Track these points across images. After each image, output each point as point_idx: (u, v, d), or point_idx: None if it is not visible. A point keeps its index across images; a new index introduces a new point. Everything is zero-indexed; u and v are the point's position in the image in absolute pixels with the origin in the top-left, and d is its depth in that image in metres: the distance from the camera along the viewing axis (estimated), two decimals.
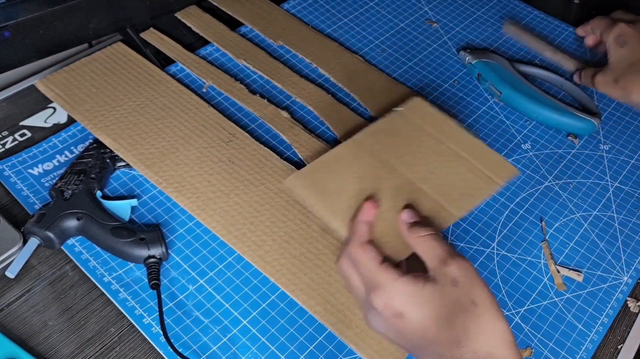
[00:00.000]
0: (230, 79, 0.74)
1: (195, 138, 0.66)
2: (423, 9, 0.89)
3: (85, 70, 0.70)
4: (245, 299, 0.56)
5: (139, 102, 0.68)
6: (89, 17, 0.70)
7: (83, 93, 0.68)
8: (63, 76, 0.69)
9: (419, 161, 0.57)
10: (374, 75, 0.78)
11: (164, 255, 0.56)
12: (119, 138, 0.64)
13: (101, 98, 0.67)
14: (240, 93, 0.72)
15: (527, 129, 0.74)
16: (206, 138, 0.66)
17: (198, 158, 0.64)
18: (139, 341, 0.53)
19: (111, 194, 0.62)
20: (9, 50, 0.66)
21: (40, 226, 0.55)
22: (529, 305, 0.58)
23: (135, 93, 0.69)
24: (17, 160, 0.64)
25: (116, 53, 0.73)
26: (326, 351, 0.54)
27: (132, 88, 0.69)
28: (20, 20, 0.65)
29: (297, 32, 0.81)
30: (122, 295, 0.55)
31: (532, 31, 0.86)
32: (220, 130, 0.67)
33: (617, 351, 0.57)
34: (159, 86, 0.70)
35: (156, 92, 0.69)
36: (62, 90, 0.68)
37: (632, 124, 0.77)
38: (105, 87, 0.69)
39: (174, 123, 0.67)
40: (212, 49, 0.78)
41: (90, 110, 0.66)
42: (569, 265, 0.62)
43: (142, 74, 0.71)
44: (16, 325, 0.53)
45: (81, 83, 0.69)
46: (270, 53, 0.78)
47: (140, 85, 0.70)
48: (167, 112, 0.68)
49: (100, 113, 0.66)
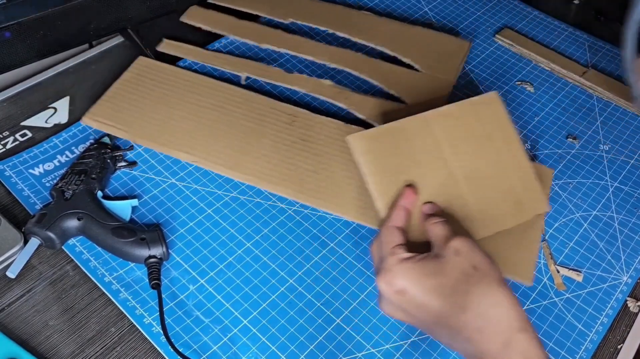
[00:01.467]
0: (262, 65, 0.75)
1: (260, 129, 0.66)
2: (423, 9, 0.89)
3: (122, 94, 0.68)
4: (246, 299, 0.56)
5: (187, 108, 0.67)
6: (89, 17, 0.70)
7: (132, 117, 0.66)
8: (105, 106, 0.67)
9: (472, 163, 0.58)
10: (390, 25, 0.82)
11: (165, 255, 0.56)
12: (193, 150, 0.64)
13: (150, 116, 0.66)
14: (278, 75, 0.74)
15: (527, 129, 0.74)
16: (270, 125, 0.67)
17: (273, 146, 0.65)
18: (139, 341, 0.53)
19: (112, 194, 0.62)
20: (10, 51, 0.66)
21: (41, 226, 0.55)
22: (529, 305, 0.58)
23: (179, 102, 0.68)
24: (18, 160, 0.64)
25: (142, 68, 0.71)
26: (326, 350, 0.54)
27: (174, 97, 0.68)
28: (21, 20, 0.65)
29: (301, 6, 0.83)
30: (123, 295, 0.55)
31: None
32: (279, 114, 0.68)
33: (617, 351, 0.57)
34: (199, 88, 0.70)
35: (199, 95, 0.69)
36: (112, 119, 0.66)
37: (632, 124, 0.77)
38: (149, 104, 0.67)
39: (232, 121, 0.67)
40: (227, 41, 0.78)
41: (148, 130, 0.65)
42: (569, 264, 0.62)
43: (178, 81, 0.70)
44: (17, 325, 0.53)
45: (125, 107, 0.67)
46: (286, 30, 0.80)
47: (180, 93, 0.69)
48: (220, 110, 0.68)
49: (157, 130, 0.65)
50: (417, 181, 0.56)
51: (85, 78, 0.74)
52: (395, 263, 0.48)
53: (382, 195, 0.55)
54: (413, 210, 0.54)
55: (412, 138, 0.58)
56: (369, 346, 0.54)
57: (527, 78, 0.81)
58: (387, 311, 0.49)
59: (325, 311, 0.56)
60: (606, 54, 0.86)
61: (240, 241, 0.60)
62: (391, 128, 0.58)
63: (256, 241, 0.60)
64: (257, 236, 0.61)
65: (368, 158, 0.56)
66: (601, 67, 0.84)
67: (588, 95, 0.80)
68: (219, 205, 0.62)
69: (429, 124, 0.59)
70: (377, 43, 0.79)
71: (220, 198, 0.63)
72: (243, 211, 0.62)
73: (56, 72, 0.74)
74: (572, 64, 0.83)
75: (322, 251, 0.60)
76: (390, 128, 0.58)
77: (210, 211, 0.62)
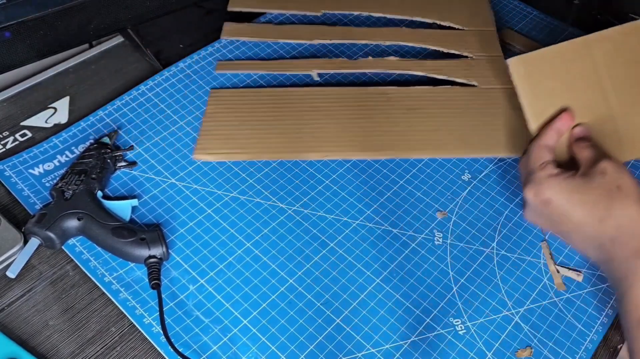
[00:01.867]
0: (325, 59, 0.76)
1: (375, 116, 0.69)
2: None
3: (214, 125, 0.68)
4: (246, 299, 0.56)
5: (287, 118, 0.68)
6: (89, 17, 0.70)
7: (244, 139, 0.66)
8: (207, 139, 0.66)
9: (629, 88, 0.60)
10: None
11: (165, 255, 0.56)
12: (322, 148, 0.67)
13: (255, 133, 0.67)
14: (344, 65, 0.76)
15: None
16: (378, 110, 0.70)
17: (389, 121, 0.69)
18: (139, 341, 0.53)
19: (112, 194, 0.62)
20: (10, 51, 0.66)
21: (41, 226, 0.55)
22: (529, 305, 0.58)
23: (275, 115, 0.69)
24: (18, 160, 0.64)
25: (219, 98, 0.71)
26: (326, 350, 0.54)
27: (267, 112, 0.69)
28: (21, 20, 0.65)
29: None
30: (123, 295, 0.55)
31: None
32: (374, 98, 0.71)
33: (617, 351, 0.57)
34: (281, 98, 0.71)
35: (288, 103, 0.70)
36: (222, 148, 0.66)
37: None
38: (247, 124, 0.68)
39: (336, 114, 0.69)
40: (276, 46, 0.79)
41: (265, 145, 0.66)
42: (569, 264, 0.62)
43: (260, 98, 0.71)
44: (17, 325, 0.53)
45: (226, 134, 0.67)
46: (327, 23, 0.82)
47: (267, 106, 0.70)
48: (323, 113, 0.69)
49: (276, 142, 0.67)
50: (572, 104, 0.59)
51: (85, 78, 0.74)
52: (545, 176, 0.53)
53: (536, 116, 0.59)
54: (565, 132, 0.58)
55: (571, 62, 0.60)
56: (369, 346, 0.54)
57: None
58: (530, 218, 0.56)
59: (325, 311, 0.56)
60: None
61: (240, 241, 0.60)
62: (551, 52, 0.60)
63: (256, 241, 0.60)
64: (257, 236, 0.61)
65: (525, 81, 0.59)
66: None
67: None
68: (219, 205, 0.62)
69: (589, 48, 0.60)
70: (412, 14, 0.82)
71: (220, 198, 0.63)
72: (243, 211, 0.62)
73: (56, 72, 0.74)
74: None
75: (322, 251, 0.60)
76: (550, 52, 0.60)
77: (210, 211, 0.62)
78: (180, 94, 0.72)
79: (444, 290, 0.58)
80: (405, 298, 0.58)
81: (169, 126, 0.69)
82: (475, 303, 0.58)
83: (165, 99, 0.71)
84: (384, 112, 0.70)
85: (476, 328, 0.56)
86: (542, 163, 0.55)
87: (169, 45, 0.78)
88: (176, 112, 0.70)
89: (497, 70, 0.75)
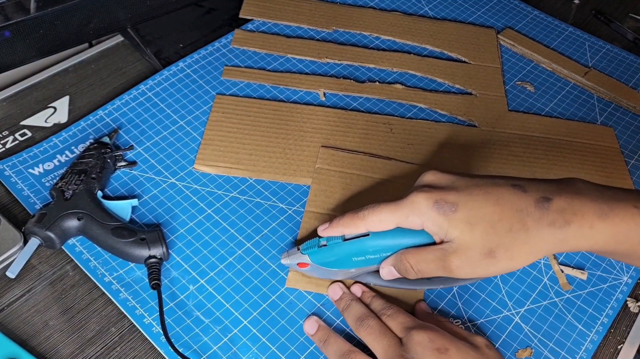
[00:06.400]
0: (332, 79, 0.76)
1: (370, 141, 0.69)
2: (423, 8, 0.89)
3: (216, 134, 0.67)
4: (246, 299, 0.56)
5: (288, 140, 0.67)
6: (89, 16, 0.70)
7: (243, 154, 0.66)
8: (208, 149, 0.66)
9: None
10: (423, 23, 0.85)
11: (165, 255, 0.56)
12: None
13: (256, 149, 0.66)
14: (351, 87, 0.75)
15: None
16: (376, 137, 0.69)
17: (389, 151, 0.68)
18: (139, 341, 0.53)
19: (112, 194, 0.62)
20: (10, 50, 0.66)
21: (41, 226, 0.55)
22: (529, 305, 0.58)
23: (277, 131, 0.68)
24: (18, 160, 0.64)
25: (223, 105, 0.70)
26: None
27: (268, 127, 0.68)
28: (20, 19, 0.64)
29: (341, 14, 0.84)
30: (123, 295, 0.55)
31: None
32: (376, 124, 0.70)
33: (617, 351, 0.57)
34: (284, 113, 0.70)
35: (292, 121, 0.69)
36: (222, 161, 0.65)
37: (633, 124, 0.77)
38: (247, 138, 0.67)
39: (343, 138, 0.68)
40: (283, 59, 0.78)
41: (264, 164, 0.65)
42: (570, 264, 0.62)
43: (262, 110, 0.70)
44: (17, 325, 0.53)
45: (227, 146, 0.66)
46: (337, 42, 0.81)
47: (270, 121, 0.69)
48: (320, 132, 0.69)
49: (274, 162, 0.66)
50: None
51: (84, 77, 0.74)
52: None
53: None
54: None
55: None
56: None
57: (527, 79, 0.81)
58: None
59: (325, 311, 0.56)
60: (606, 54, 0.86)
61: (240, 241, 0.60)
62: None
63: (256, 241, 0.60)
64: (257, 236, 0.60)
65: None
66: (601, 67, 0.84)
67: (588, 95, 0.80)
68: (219, 205, 0.62)
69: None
70: (422, 42, 0.83)
71: (220, 198, 0.63)
72: (243, 211, 0.62)
73: (56, 71, 0.74)
74: (573, 64, 0.83)
75: None
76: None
77: (210, 211, 0.62)
78: (181, 94, 0.72)
79: (444, 290, 0.58)
80: None
81: (169, 126, 0.69)
82: (476, 303, 0.58)
83: (165, 99, 0.71)
84: (385, 143, 0.69)
85: (476, 329, 0.56)
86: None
87: (169, 45, 0.78)
88: (176, 111, 0.70)
89: (498, 112, 0.75)
